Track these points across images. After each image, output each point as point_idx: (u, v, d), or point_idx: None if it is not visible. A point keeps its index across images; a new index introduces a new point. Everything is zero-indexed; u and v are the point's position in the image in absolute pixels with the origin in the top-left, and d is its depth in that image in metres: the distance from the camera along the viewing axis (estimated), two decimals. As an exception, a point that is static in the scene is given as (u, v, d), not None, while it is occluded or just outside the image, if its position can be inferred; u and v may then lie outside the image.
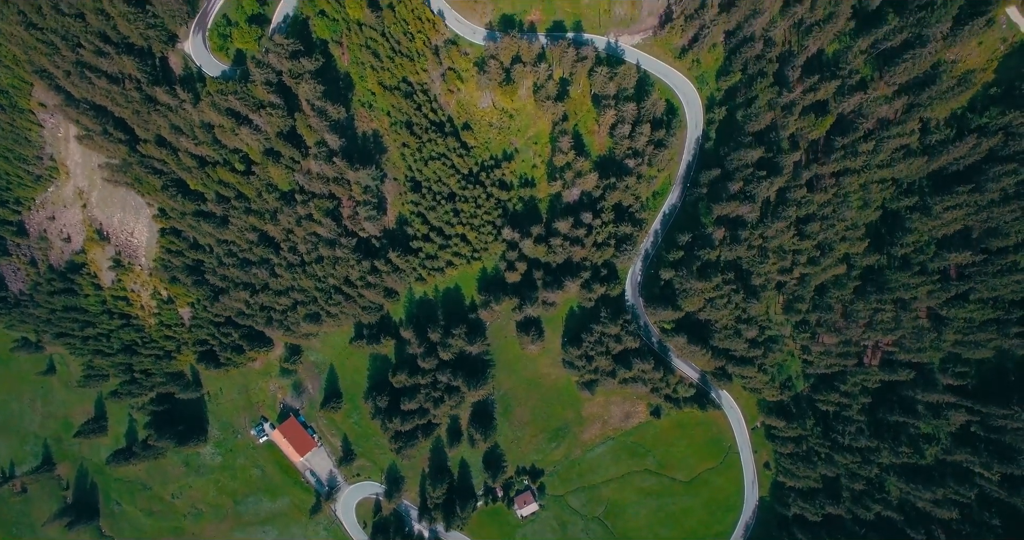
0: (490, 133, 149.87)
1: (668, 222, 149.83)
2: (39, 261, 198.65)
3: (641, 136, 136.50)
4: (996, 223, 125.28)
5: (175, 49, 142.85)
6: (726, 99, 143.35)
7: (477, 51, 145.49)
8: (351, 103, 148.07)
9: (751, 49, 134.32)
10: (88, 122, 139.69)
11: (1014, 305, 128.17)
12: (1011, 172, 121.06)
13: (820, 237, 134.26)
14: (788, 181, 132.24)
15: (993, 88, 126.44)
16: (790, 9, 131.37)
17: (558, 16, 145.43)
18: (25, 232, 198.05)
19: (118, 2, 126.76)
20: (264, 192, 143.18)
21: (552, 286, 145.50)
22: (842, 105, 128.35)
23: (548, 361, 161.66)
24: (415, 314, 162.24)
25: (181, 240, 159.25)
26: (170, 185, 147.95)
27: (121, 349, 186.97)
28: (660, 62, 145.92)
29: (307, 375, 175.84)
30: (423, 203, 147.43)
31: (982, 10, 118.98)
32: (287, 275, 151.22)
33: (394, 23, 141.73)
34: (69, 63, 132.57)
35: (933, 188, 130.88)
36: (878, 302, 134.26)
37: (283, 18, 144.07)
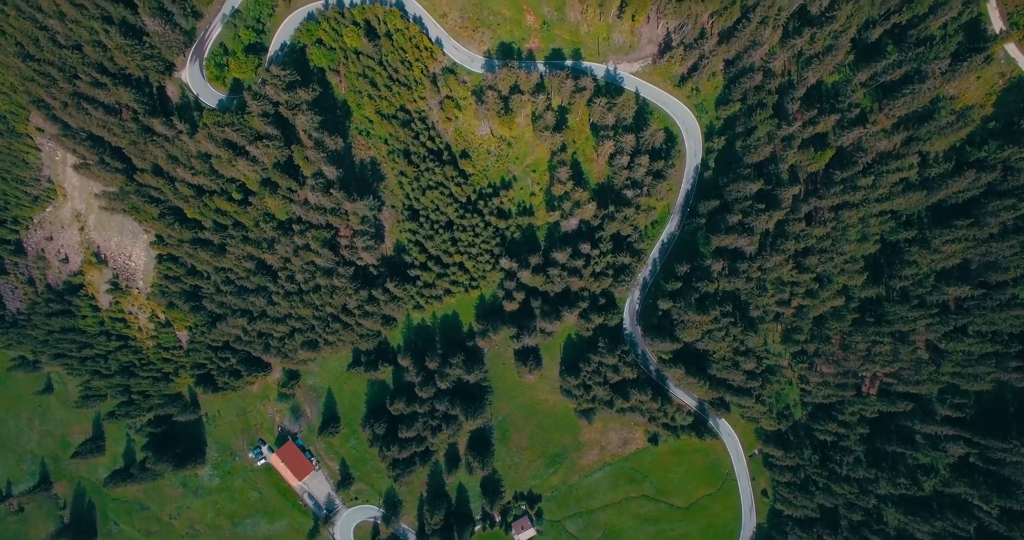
0: (488, 161, 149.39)
1: (666, 251, 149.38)
2: (37, 280, 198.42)
3: (640, 167, 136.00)
4: (995, 257, 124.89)
5: (172, 78, 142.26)
6: (725, 128, 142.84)
7: (475, 79, 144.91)
8: (348, 131, 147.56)
9: (750, 80, 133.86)
10: (85, 152, 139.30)
11: (1013, 338, 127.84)
12: (1010, 207, 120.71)
13: (819, 269, 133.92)
14: (787, 215, 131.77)
15: (992, 122, 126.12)
16: (789, 41, 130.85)
17: (557, 44, 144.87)
18: (23, 251, 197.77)
19: (115, 34, 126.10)
20: (261, 221, 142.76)
21: (550, 316, 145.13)
22: (841, 139, 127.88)
23: (546, 387, 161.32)
24: (413, 340, 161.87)
25: (179, 266, 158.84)
26: (167, 213, 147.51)
27: (119, 371, 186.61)
28: (659, 90, 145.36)
29: (305, 399, 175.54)
30: (421, 232, 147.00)
31: (980, 47, 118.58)
32: (285, 303, 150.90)
33: (391, 52, 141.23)
34: (66, 94, 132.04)
35: (932, 220, 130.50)
36: (876, 334, 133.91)
37: (280, 46, 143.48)
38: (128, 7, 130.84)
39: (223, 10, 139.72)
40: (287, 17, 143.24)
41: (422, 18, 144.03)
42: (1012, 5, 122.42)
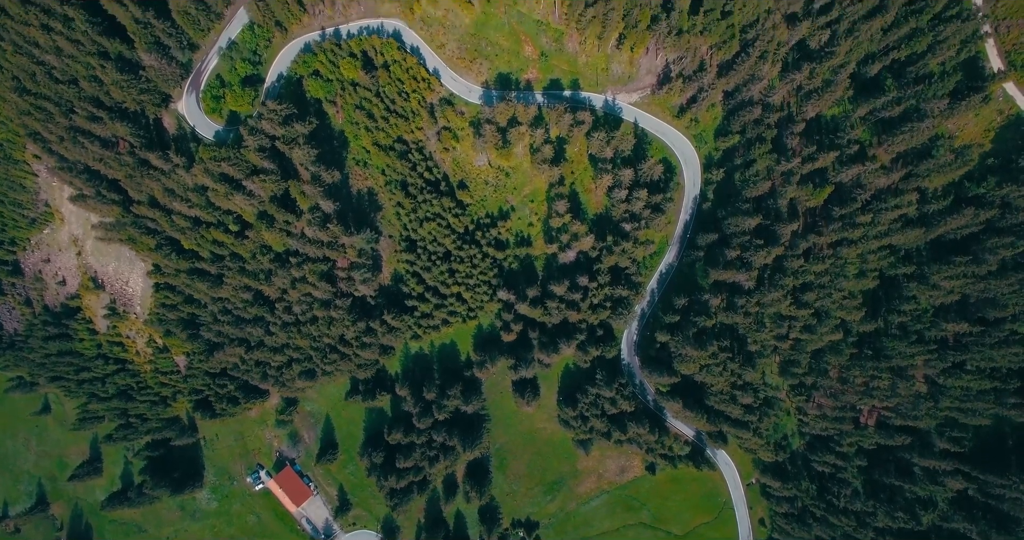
0: (486, 191, 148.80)
1: (665, 281, 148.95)
2: (34, 301, 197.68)
3: (638, 201, 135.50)
4: (994, 293, 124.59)
5: (168, 109, 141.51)
6: (724, 159, 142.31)
7: (473, 110, 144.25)
8: (345, 161, 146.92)
9: (749, 113, 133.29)
10: (81, 184, 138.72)
11: (1011, 374, 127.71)
12: (1008, 244, 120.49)
13: (817, 304, 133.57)
14: (785, 250, 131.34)
15: (990, 158, 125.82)
16: (789, 75, 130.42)
17: (555, 74, 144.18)
18: (20, 272, 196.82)
19: (111, 70, 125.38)
20: (258, 254, 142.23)
21: (548, 347, 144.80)
22: (840, 175, 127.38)
23: (544, 416, 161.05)
24: (411, 368, 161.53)
25: (176, 294, 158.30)
26: (164, 244, 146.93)
27: (116, 394, 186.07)
28: (658, 120, 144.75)
29: (303, 425, 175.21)
30: (418, 263, 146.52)
31: (979, 86, 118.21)
32: (282, 334, 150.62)
33: (388, 83, 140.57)
34: (62, 128, 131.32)
35: (932, 255, 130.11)
36: (874, 369, 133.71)
37: (276, 77, 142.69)
38: (124, 42, 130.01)
39: (219, 42, 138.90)
40: (284, 48, 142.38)
41: (419, 48, 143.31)
42: (1009, 43, 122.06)
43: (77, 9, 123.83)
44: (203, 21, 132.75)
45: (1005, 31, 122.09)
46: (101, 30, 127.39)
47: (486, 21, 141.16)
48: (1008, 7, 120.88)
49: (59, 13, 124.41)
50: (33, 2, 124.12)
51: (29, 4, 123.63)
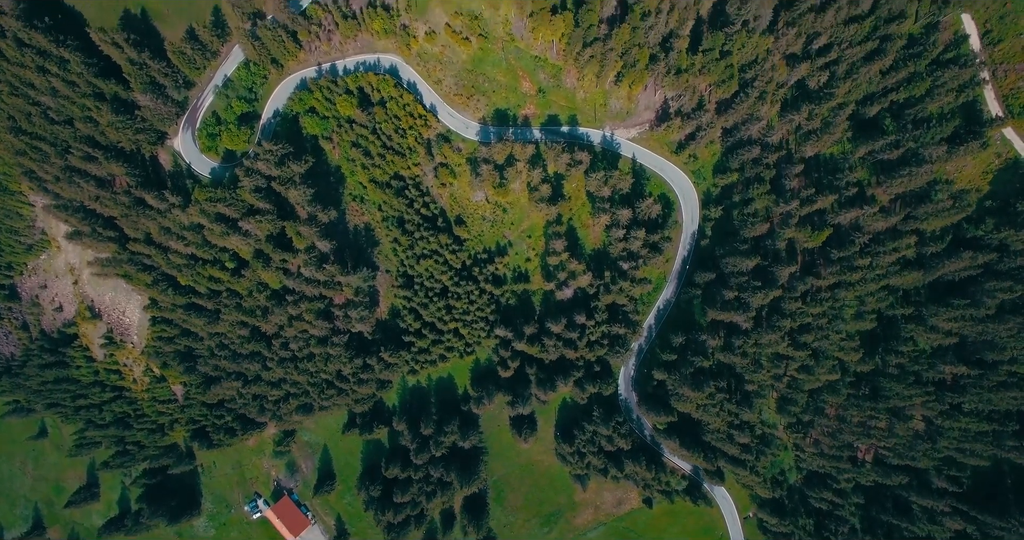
0: (483, 226, 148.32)
1: (662, 318, 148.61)
2: (31, 326, 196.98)
3: (636, 240, 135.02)
4: (992, 336, 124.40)
5: (164, 146, 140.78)
6: (723, 196, 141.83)
7: (470, 146, 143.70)
8: (342, 197, 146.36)
9: (748, 152, 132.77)
10: (77, 223, 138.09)
11: (1009, 416, 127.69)
12: (1007, 289, 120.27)
13: (814, 345, 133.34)
14: (783, 292, 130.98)
15: (988, 201, 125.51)
16: (788, 115, 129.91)
17: (553, 110, 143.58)
18: (17, 296, 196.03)
19: (106, 112, 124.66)
20: (255, 291, 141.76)
21: (545, 384, 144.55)
22: (839, 217, 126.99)
23: (541, 448, 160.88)
24: (408, 401, 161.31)
25: (172, 327, 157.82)
26: (160, 280, 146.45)
27: (113, 421, 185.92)
28: (656, 156, 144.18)
29: (301, 455, 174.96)
30: (415, 299, 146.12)
31: (977, 131, 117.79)
32: (279, 369, 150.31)
33: (385, 120, 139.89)
34: (57, 169, 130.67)
35: (930, 296, 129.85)
36: (872, 410, 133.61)
37: (273, 113, 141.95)
38: (120, 83, 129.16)
39: (215, 80, 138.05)
40: (280, 84, 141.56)
41: (416, 84, 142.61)
42: (1007, 87, 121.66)
43: (73, 52, 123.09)
44: (198, 60, 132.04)
45: (1003, 75, 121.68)
46: (97, 71, 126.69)
47: (483, 57, 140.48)
48: (1005, 52, 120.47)
49: (55, 55, 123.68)
50: (29, 44, 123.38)
51: (25, 46, 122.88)
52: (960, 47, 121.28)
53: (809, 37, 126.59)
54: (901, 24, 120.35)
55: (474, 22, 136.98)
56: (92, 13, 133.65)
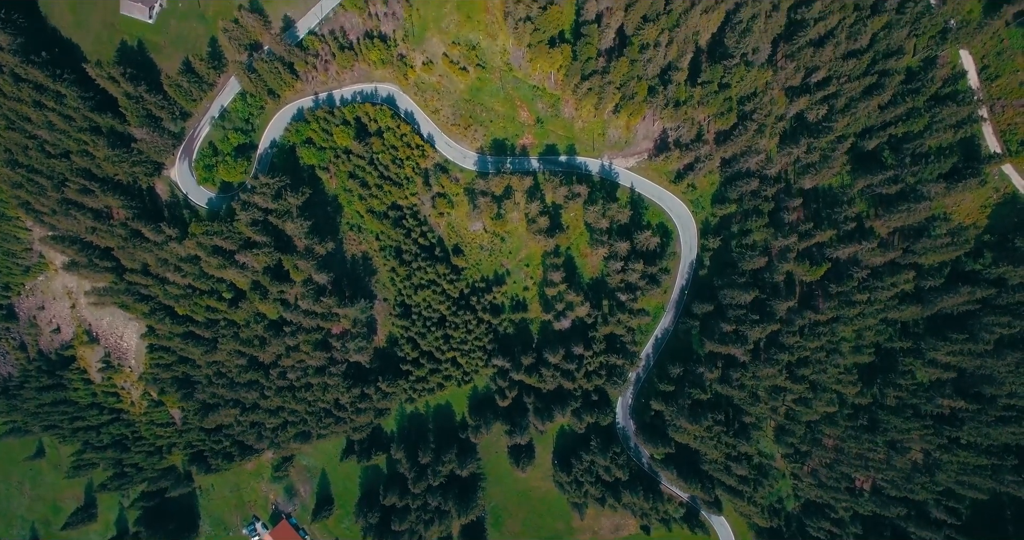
0: (481, 255, 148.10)
1: (660, 346, 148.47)
2: (28, 346, 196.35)
3: (634, 272, 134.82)
4: (990, 371, 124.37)
5: (161, 176, 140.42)
6: (721, 226, 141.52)
7: (468, 176, 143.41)
8: (339, 226, 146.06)
9: (747, 184, 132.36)
10: (74, 254, 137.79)
11: (1008, 451, 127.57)
12: (1005, 324, 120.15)
13: (812, 378, 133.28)
14: (781, 326, 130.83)
15: (987, 235, 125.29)
16: (786, 148, 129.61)
17: (551, 140, 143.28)
18: (15, 316, 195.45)
19: (102, 146, 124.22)
20: (252, 322, 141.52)
21: (542, 414, 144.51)
22: (838, 252, 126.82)
23: (539, 474, 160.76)
24: (406, 427, 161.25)
25: (170, 354, 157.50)
26: (158, 309, 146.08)
27: (111, 444, 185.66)
28: (655, 185, 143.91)
29: (299, 479, 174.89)
30: (413, 329, 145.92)
31: (975, 168, 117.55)
32: (277, 398, 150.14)
33: (382, 150, 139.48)
34: (54, 202, 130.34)
35: (928, 329, 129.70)
36: (870, 442, 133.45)
37: (269, 143, 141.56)
38: (116, 116, 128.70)
39: (211, 111, 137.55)
40: (276, 114, 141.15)
41: (414, 113, 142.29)
42: (1005, 123, 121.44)
43: (69, 86, 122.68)
44: (195, 92, 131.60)
45: (1000, 110, 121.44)
46: (93, 105, 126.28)
47: (481, 86, 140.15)
48: (1003, 87, 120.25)
49: (51, 89, 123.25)
50: (26, 79, 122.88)
51: (22, 81, 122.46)
52: (958, 83, 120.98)
53: (808, 70, 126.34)
54: (899, 60, 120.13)
55: (471, 52, 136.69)
56: (89, 46, 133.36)
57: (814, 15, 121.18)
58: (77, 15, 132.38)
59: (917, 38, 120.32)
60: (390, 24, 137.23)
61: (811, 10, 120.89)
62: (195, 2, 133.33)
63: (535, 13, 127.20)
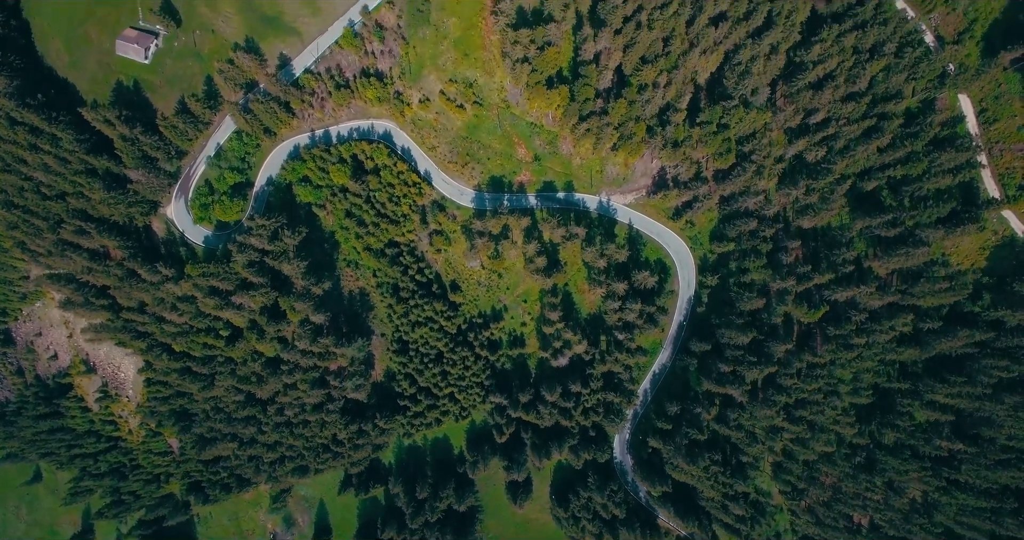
0: (478, 291, 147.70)
1: (658, 382, 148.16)
2: (26, 371, 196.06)
3: (631, 312, 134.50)
4: (989, 414, 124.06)
5: (158, 214, 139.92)
6: (719, 263, 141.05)
7: (465, 213, 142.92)
8: (336, 262, 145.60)
9: (745, 224, 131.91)
10: (70, 293, 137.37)
11: (1007, 493, 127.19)
12: (1003, 368, 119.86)
13: (810, 419, 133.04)
14: (779, 369, 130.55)
15: (985, 277, 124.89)
16: (785, 188, 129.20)
17: (549, 176, 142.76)
18: (12, 342, 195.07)
19: (98, 189, 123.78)
20: (249, 359, 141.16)
21: (540, 450, 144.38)
22: (836, 295, 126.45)
23: (537, 506, 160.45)
24: (404, 459, 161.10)
25: (167, 388, 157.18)
26: (155, 345, 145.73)
27: (108, 472, 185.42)
28: (653, 221, 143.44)
29: (297, 509, 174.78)
30: (411, 365, 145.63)
31: (974, 214, 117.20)
32: (274, 434, 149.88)
33: (379, 188, 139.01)
34: (50, 243, 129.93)
35: (926, 369, 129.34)
36: (868, 482, 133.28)
37: (266, 180, 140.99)
38: (112, 158, 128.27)
39: (207, 149, 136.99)
40: (273, 150, 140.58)
41: (410, 150, 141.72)
42: (1003, 166, 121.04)
43: (64, 129, 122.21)
44: (190, 131, 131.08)
45: (998, 154, 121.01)
46: (89, 147, 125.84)
47: (478, 124, 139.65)
48: (1001, 131, 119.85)
49: (47, 132, 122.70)
50: (21, 122, 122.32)
51: (17, 124, 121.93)
52: (957, 126, 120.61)
53: (807, 112, 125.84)
54: (898, 103, 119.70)
55: (468, 90, 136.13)
56: (85, 85, 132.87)
57: (813, 58, 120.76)
58: (73, 55, 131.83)
59: (916, 81, 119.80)
60: (386, 61, 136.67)
61: (810, 53, 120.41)
62: (191, 41, 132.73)
63: (532, 54, 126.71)
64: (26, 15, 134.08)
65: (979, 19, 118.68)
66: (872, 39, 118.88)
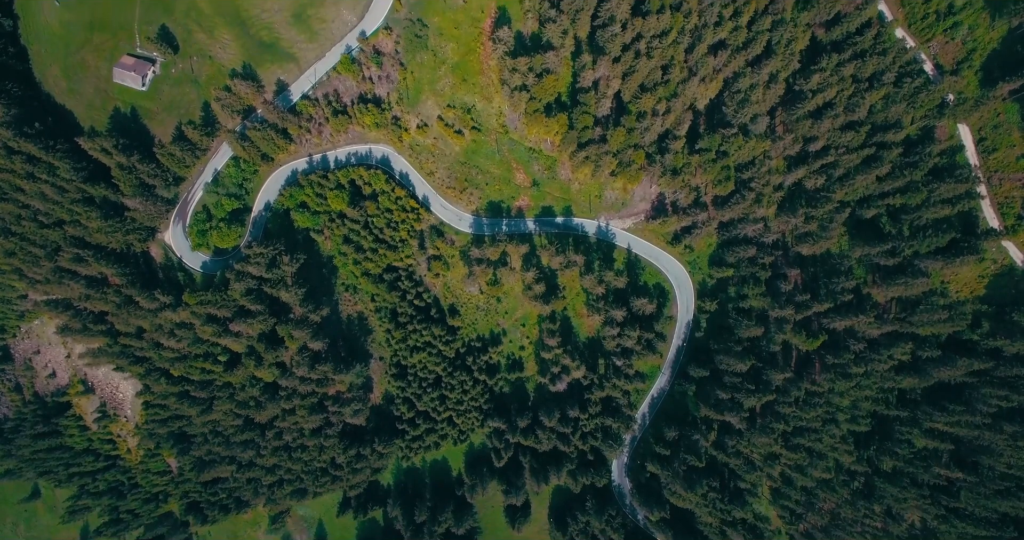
0: (477, 315, 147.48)
1: (656, 405, 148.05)
2: (24, 388, 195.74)
3: (630, 338, 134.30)
4: (988, 442, 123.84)
5: (156, 239, 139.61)
6: (718, 288, 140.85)
7: (463, 238, 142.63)
8: (335, 286, 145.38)
9: (744, 251, 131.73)
10: (67, 320, 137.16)
11: (1007, 521, 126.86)
12: (1003, 397, 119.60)
13: (808, 446, 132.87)
14: (777, 397, 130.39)
15: (984, 306, 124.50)
16: (784, 216, 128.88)
17: (547, 201, 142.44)
18: (10, 358, 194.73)
19: (95, 218, 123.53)
20: (248, 385, 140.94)
21: (538, 474, 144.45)
22: (835, 323, 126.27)
23: (535, 529, 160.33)
24: (403, 481, 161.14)
25: (166, 410, 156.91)
26: (153, 370, 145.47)
27: (107, 490, 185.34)
28: (652, 245, 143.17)
29: (296, 528, 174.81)
30: (409, 389, 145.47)
31: (973, 244, 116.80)
32: (273, 458, 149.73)
33: (377, 214, 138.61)
34: (47, 270, 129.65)
35: (926, 395, 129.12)
36: (866, 509, 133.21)
37: (264, 205, 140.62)
38: (109, 187, 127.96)
39: (204, 175, 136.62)
40: (270, 175, 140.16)
41: (408, 174, 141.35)
42: (1002, 195, 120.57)
43: (62, 158, 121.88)
44: (187, 158, 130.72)
45: (997, 183, 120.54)
46: (85, 176, 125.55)
47: (476, 149, 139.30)
48: (1000, 161, 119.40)
49: (44, 161, 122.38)
50: (19, 151, 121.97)
51: (15, 154, 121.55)
52: (956, 156, 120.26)
53: (806, 140, 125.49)
54: (897, 133, 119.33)
55: (466, 115, 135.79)
56: (82, 112, 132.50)
57: (813, 87, 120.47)
58: (70, 82, 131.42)
59: (915, 110, 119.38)
60: (384, 87, 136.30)
61: (810, 82, 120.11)
62: (188, 67, 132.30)
63: (531, 82, 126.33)
64: (24, 41, 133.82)
65: (978, 49, 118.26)
66: (871, 68, 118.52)
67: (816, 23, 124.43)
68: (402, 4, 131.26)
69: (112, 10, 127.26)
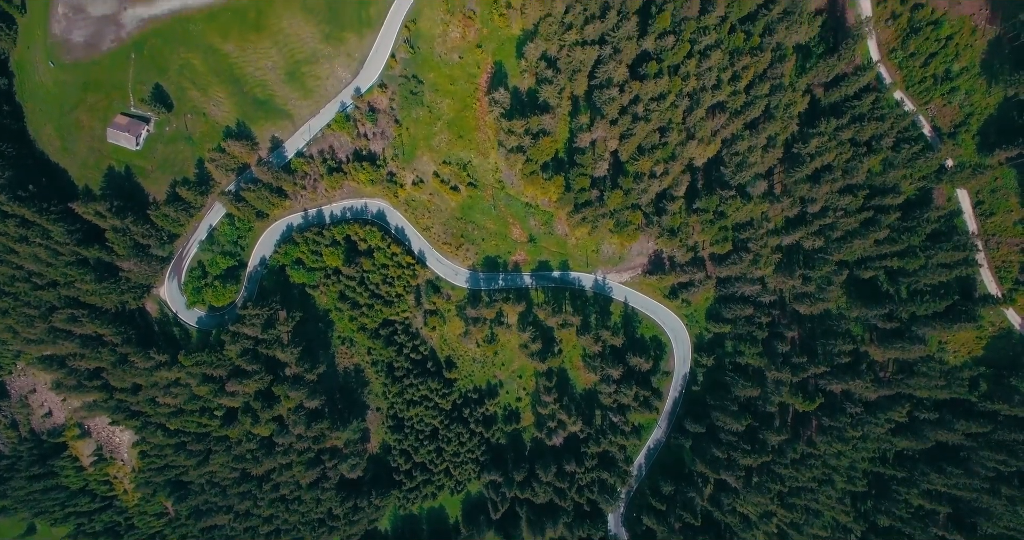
0: (473, 367, 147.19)
1: (653, 457, 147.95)
2: (20, 424, 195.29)
3: (626, 396, 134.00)
4: (987, 506, 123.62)
5: (151, 295, 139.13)
6: (715, 343, 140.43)
7: (459, 293, 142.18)
8: (331, 340, 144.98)
9: (741, 310, 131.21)
10: (61, 377, 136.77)
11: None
12: (1001, 461, 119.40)
13: (804, 505, 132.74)
14: (773, 458, 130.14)
15: (982, 367, 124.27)
16: (782, 276, 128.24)
17: (544, 256, 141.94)
18: (6, 395, 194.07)
19: (89, 280, 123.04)
20: (245, 440, 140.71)
21: (535, 526, 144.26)
22: (832, 385, 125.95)
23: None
24: (400, 527, 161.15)
25: (162, 459, 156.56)
26: (149, 424, 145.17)
27: (103, 531, 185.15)
28: (649, 299, 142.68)
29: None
30: (406, 442, 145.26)
31: (971, 312, 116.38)
32: (269, 509, 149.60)
33: (372, 270, 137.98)
34: (41, 330, 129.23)
35: (923, 457, 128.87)
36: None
37: (259, 261, 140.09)
38: (103, 249, 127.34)
39: (199, 232, 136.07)
40: (265, 231, 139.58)
41: (404, 229, 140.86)
42: (999, 259, 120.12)
43: (55, 222, 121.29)
44: (182, 218, 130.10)
45: (995, 247, 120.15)
46: (79, 239, 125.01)
47: (472, 204, 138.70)
48: (997, 224, 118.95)
49: (38, 225, 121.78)
50: (11, 214, 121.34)
51: (8, 217, 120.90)
52: (954, 220, 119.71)
53: (804, 201, 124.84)
54: (895, 198, 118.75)
55: (462, 171, 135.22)
56: (76, 171, 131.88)
57: (811, 151, 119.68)
58: (64, 141, 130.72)
59: (912, 173, 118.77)
60: (379, 143, 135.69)
61: (808, 146, 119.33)
62: (182, 125, 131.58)
63: (527, 143, 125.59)
64: (19, 99, 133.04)
65: (975, 113, 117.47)
66: (869, 133, 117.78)
67: (816, 83, 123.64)
68: (397, 61, 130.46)
69: (106, 70, 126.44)
